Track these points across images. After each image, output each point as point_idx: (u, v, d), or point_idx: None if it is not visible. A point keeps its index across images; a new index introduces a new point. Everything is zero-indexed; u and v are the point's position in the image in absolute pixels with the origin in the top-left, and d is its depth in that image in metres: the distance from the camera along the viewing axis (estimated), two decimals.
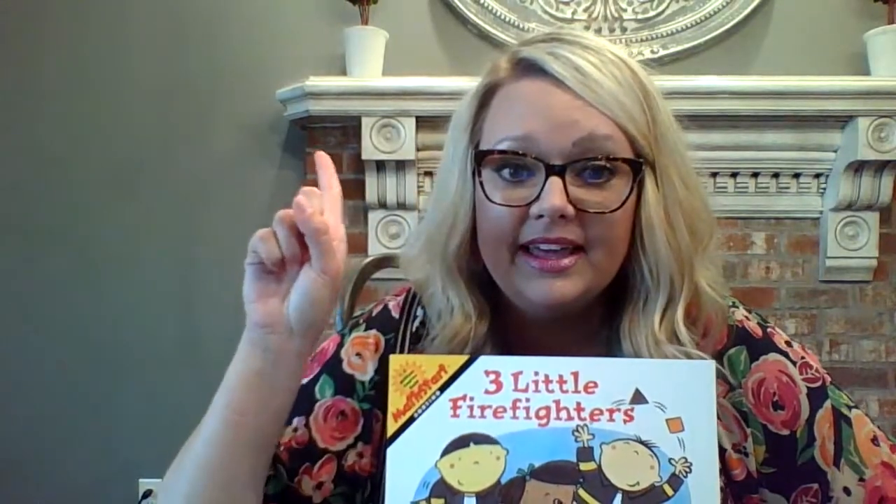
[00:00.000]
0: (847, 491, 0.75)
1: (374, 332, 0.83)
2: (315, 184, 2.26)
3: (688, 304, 0.74)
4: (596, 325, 0.78)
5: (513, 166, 0.72)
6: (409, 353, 0.80)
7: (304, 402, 0.78)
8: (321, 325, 0.67)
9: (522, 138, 0.71)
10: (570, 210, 0.69)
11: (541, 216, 0.69)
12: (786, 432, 0.76)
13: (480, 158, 0.73)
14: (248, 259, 0.65)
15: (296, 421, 0.78)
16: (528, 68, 0.73)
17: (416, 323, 0.83)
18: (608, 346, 0.76)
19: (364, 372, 0.81)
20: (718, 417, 0.72)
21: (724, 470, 0.75)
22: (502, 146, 0.72)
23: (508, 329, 0.79)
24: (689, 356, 0.71)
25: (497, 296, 0.78)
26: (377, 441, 0.79)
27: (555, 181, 0.69)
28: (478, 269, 0.77)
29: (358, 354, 0.82)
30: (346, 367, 0.81)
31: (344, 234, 0.66)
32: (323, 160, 0.69)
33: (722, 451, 0.74)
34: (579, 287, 0.71)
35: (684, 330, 0.72)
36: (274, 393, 0.67)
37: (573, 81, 0.70)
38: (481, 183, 0.73)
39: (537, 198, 0.70)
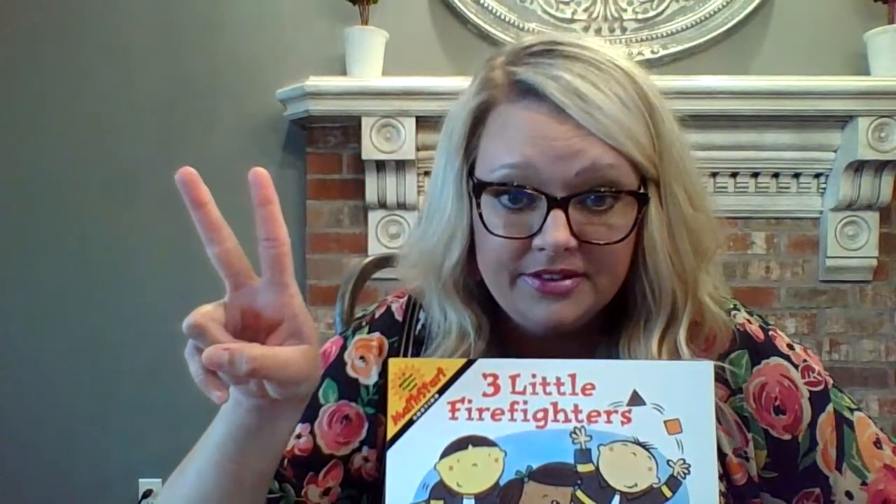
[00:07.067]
0: (849, 495, 0.75)
1: (377, 334, 0.82)
2: (317, 183, 2.24)
3: (690, 320, 0.73)
4: (595, 337, 0.77)
5: (513, 194, 0.70)
6: (412, 356, 0.80)
7: (308, 407, 0.77)
8: (316, 377, 0.60)
9: (522, 166, 0.68)
10: (574, 243, 0.67)
11: (543, 248, 0.68)
12: (787, 437, 0.75)
13: (479, 189, 0.71)
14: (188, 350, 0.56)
15: (299, 427, 0.77)
16: (526, 91, 0.70)
17: (419, 326, 0.82)
18: (608, 358, 0.75)
19: (368, 376, 0.80)
20: (719, 422, 0.72)
21: (726, 474, 0.74)
22: (501, 174, 0.69)
23: (507, 342, 0.78)
24: None
25: (496, 307, 0.76)
26: (381, 446, 0.78)
27: (557, 215, 0.67)
28: (475, 283, 0.76)
29: (362, 358, 0.81)
30: (349, 371, 0.80)
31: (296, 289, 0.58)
32: (258, 178, 0.57)
33: (723, 455, 0.74)
34: (580, 309, 0.70)
35: (686, 350, 0.72)
36: (276, 439, 0.63)
37: (574, 109, 0.67)
38: (480, 215, 0.71)
39: (539, 230, 0.68)
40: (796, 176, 2.34)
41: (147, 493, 2.39)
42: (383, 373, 0.79)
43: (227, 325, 0.56)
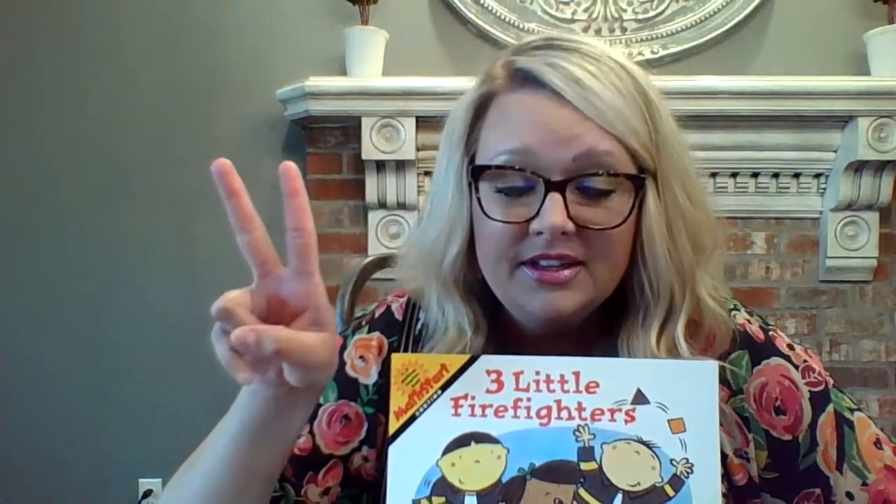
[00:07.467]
0: (850, 496, 0.75)
1: (377, 334, 0.82)
2: (317, 183, 2.24)
3: (688, 317, 0.73)
4: (594, 335, 0.77)
5: (510, 180, 0.70)
6: None
7: None
8: (334, 365, 0.61)
9: (521, 151, 0.69)
10: (571, 227, 0.68)
11: (541, 233, 0.68)
12: (788, 437, 0.75)
13: (478, 173, 0.71)
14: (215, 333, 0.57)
15: None
16: (525, 79, 0.71)
17: (419, 326, 0.82)
18: (606, 356, 0.75)
19: (367, 376, 0.80)
20: (720, 422, 0.72)
21: (726, 475, 0.74)
22: (500, 160, 0.70)
23: (506, 340, 0.78)
24: None
25: (496, 305, 0.76)
26: (381, 445, 0.78)
27: (555, 197, 0.68)
28: (475, 280, 0.76)
29: (361, 357, 0.81)
30: (349, 371, 0.81)
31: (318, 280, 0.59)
32: (288, 171, 0.59)
33: (724, 456, 0.73)
34: (578, 300, 0.70)
35: (684, 344, 0.72)
36: (289, 431, 0.64)
37: (572, 94, 0.68)
38: (479, 199, 0.71)
39: (537, 214, 0.68)
40: (796, 176, 2.34)
41: (147, 493, 2.38)
42: (383, 372, 0.79)
43: (252, 311, 0.57)
